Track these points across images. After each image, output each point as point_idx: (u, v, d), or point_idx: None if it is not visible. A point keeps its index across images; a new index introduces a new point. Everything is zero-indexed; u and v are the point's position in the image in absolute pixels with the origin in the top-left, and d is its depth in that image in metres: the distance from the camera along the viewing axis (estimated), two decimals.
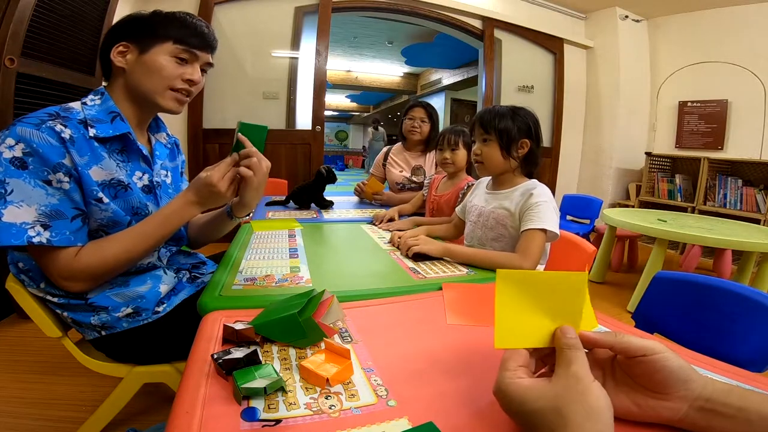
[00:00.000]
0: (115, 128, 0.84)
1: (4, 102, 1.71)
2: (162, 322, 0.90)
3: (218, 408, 0.43)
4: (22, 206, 0.71)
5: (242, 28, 3.26)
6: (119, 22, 0.89)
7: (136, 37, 0.86)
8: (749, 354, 0.78)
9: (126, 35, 0.87)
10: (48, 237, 0.73)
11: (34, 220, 0.72)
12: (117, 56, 0.86)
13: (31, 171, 0.72)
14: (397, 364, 0.54)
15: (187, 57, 0.89)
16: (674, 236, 2.23)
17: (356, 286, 0.84)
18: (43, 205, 0.73)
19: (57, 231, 0.75)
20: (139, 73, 0.87)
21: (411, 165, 2.10)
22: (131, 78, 0.87)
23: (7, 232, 0.70)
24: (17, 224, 0.71)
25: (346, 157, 15.47)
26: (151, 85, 0.87)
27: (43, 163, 0.73)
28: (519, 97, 4.21)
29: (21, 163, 0.71)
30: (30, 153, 0.72)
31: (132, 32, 0.87)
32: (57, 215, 0.75)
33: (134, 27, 0.87)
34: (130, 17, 0.89)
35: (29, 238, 0.71)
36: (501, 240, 1.15)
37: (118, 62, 0.86)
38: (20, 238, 0.71)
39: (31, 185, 0.72)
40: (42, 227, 0.73)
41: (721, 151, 3.78)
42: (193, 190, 0.84)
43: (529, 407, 0.37)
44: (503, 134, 1.11)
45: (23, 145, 0.71)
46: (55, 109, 0.79)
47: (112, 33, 0.88)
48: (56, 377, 1.42)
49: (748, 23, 3.60)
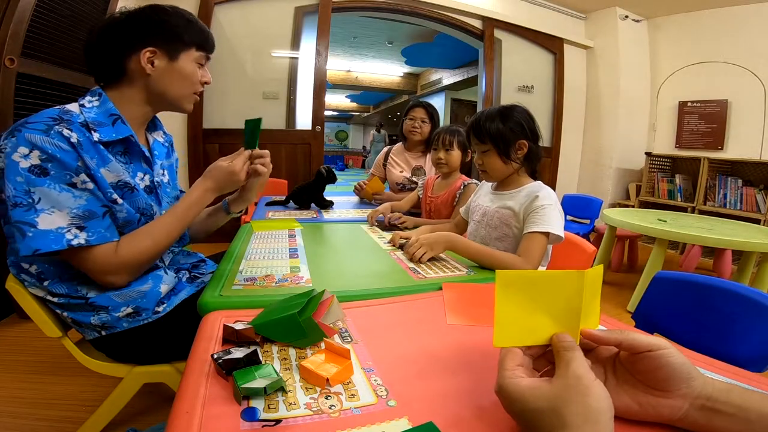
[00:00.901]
0: (117, 132, 0.84)
1: (4, 102, 1.71)
2: (162, 322, 0.90)
3: (218, 408, 0.43)
4: (53, 212, 0.73)
5: (242, 28, 3.26)
6: (132, 22, 0.85)
7: (164, 43, 0.86)
8: (749, 354, 0.78)
9: (150, 39, 0.85)
10: (86, 238, 0.75)
11: (69, 223, 0.74)
12: (145, 63, 0.85)
13: (53, 177, 0.73)
14: (397, 364, 0.54)
15: (203, 61, 0.94)
16: (674, 236, 2.23)
17: (356, 286, 0.84)
18: (74, 208, 0.75)
19: (92, 230, 0.76)
20: (168, 80, 0.88)
21: (411, 165, 2.10)
22: (156, 83, 0.88)
23: (46, 239, 0.71)
24: (53, 230, 0.72)
25: (346, 157, 15.47)
26: (181, 90, 0.91)
27: (63, 167, 0.73)
28: (519, 97, 4.21)
29: (41, 171, 0.72)
30: (48, 159, 0.72)
31: (157, 36, 0.86)
32: (89, 215, 0.77)
33: (158, 31, 0.86)
34: (148, 18, 0.86)
35: (68, 241, 0.73)
36: (504, 240, 1.15)
37: (147, 69, 0.85)
38: (60, 242, 0.72)
39: (57, 190, 0.73)
40: (78, 229, 0.75)
41: (721, 151, 3.78)
42: (212, 178, 0.91)
43: (529, 407, 0.37)
44: (498, 141, 1.11)
45: (38, 152, 0.71)
46: (56, 112, 0.78)
47: (127, 35, 0.85)
48: (56, 377, 1.42)
49: (748, 23, 3.60)
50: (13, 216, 0.71)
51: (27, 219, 0.71)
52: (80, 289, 0.84)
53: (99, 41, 0.85)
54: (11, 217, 0.71)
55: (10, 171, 0.71)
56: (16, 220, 0.71)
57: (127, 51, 0.85)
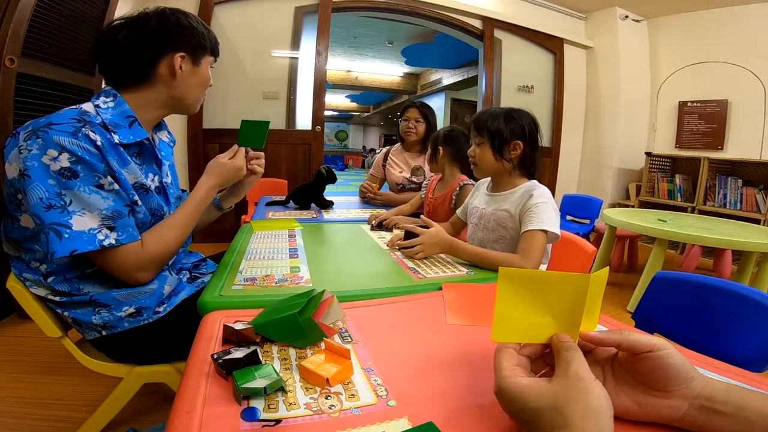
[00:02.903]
0: (134, 134, 0.85)
1: (4, 102, 1.71)
2: (162, 322, 0.90)
3: (218, 408, 0.43)
4: (85, 214, 0.74)
5: (242, 28, 3.26)
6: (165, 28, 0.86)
7: (191, 48, 0.89)
8: (749, 354, 0.78)
9: (181, 45, 0.88)
10: (116, 237, 0.77)
11: (99, 224, 0.76)
12: (177, 67, 0.87)
13: (82, 179, 0.74)
14: (397, 364, 0.54)
15: (212, 66, 0.98)
16: (674, 236, 2.23)
17: (356, 286, 0.84)
18: (104, 209, 0.76)
19: (122, 230, 0.79)
20: (191, 84, 0.91)
21: (410, 165, 2.10)
22: (180, 87, 0.90)
23: (80, 240, 0.73)
24: (86, 231, 0.74)
25: (346, 157, 15.48)
26: (197, 94, 0.95)
27: (91, 169, 0.75)
28: (519, 97, 4.21)
29: (71, 173, 0.73)
30: (77, 161, 0.73)
31: (188, 42, 0.88)
32: (118, 215, 0.78)
33: (188, 37, 0.89)
34: (179, 24, 0.87)
35: (100, 242, 0.75)
36: (502, 242, 1.15)
37: (177, 74, 0.87)
38: (93, 243, 0.74)
39: (87, 192, 0.74)
40: (108, 229, 0.77)
41: (721, 151, 3.78)
42: (215, 175, 0.96)
43: (529, 406, 0.37)
44: (495, 136, 1.12)
45: (68, 154, 0.72)
46: (76, 113, 0.77)
47: (162, 40, 0.85)
48: (56, 377, 1.42)
49: (748, 23, 3.60)
50: (48, 218, 0.72)
51: (62, 221, 0.72)
52: (83, 288, 0.84)
53: (131, 43, 0.84)
54: (45, 218, 0.72)
55: (41, 173, 0.71)
56: (51, 222, 0.72)
57: (161, 55, 0.86)
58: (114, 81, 0.88)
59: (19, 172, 0.72)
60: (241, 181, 1.05)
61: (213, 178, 0.96)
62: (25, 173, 0.71)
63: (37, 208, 0.71)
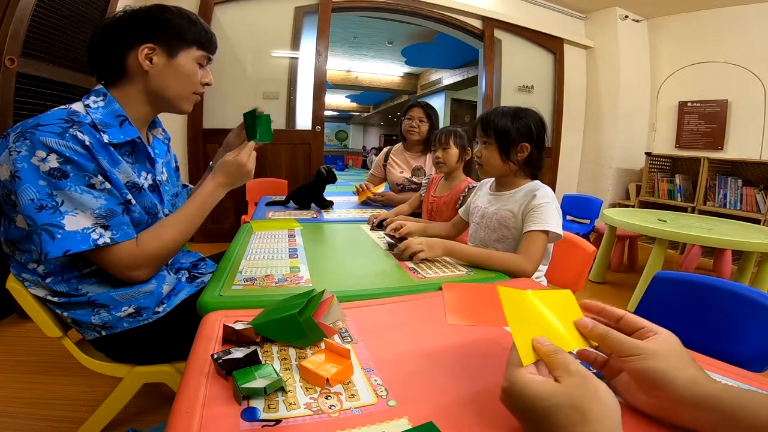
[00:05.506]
0: (125, 133, 0.84)
1: (4, 102, 1.71)
2: (162, 322, 0.90)
3: (218, 408, 0.43)
4: (78, 214, 0.74)
5: (242, 28, 3.26)
6: (134, 19, 0.85)
7: (163, 40, 0.85)
8: (749, 354, 0.78)
9: (150, 36, 0.84)
10: (111, 236, 0.77)
11: (93, 223, 0.76)
12: (143, 59, 0.84)
13: (72, 179, 0.73)
14: (397, 364, 0.54)
15: (204, 62, 0.94)
16: (674, 236, 2.23)
17: (356, 286, 0.84)
18: (96, 208, 0.76)
19: (116, 228, 0.78)
20: (167, 78, 0.87)
21: (411, 166, 2.10)
22: (155, 82, 0.87)
23: (74, 240, 0.73)
24: (80, 231, 0.74)
25: (346, 157, 15.49)
26: (179, 89, 0.90)
27: (81, 168, 0.74)
28: (519, 97, 4.21)
29: (61, 173, 0.72)
30: (65, 162, 0.72)
31: (157, 34, 0.85)
32: (111, 214, 0.78)
33: (159, 28, 0.85)
34: (150, 16, 0.85)
35: (94, 241, 0.75)
36: (504, 241, 1.14)
37: (145, 65, 0.84)
38: (87, 242, 0.74)
39: (78, 192, 0.74)
40: (102, 228, 0.77)
41: (721, 151, 3.78)
42: (222, 173, 0.94)
43: (544, 403, 0.36)
44: (502, 137, 1.10)
45: (56, 155, 0.72)
46: (64, 113, 0.77)
47: (128, 32, 0.84)
48: (56, 377, 1.42)
49: (748, 23, 3.60)
50: (40, 219, 0.71)
51: (54, 221, 0.72)
52: (81, 288, 0.84)
53: (101, 38, 0.85)
54: (37, 220, 0.71)
55: (31, 175, 0.71)
56: (43, 223, 0.71)
57: (127, 47, 0.84)
58: (100, 79, 0.88)
59: (10, 173, 0.72)
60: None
61: (218, 176, 0.94)
62: (16, 175, 0.71)
63: (28, 209, 0.71)
